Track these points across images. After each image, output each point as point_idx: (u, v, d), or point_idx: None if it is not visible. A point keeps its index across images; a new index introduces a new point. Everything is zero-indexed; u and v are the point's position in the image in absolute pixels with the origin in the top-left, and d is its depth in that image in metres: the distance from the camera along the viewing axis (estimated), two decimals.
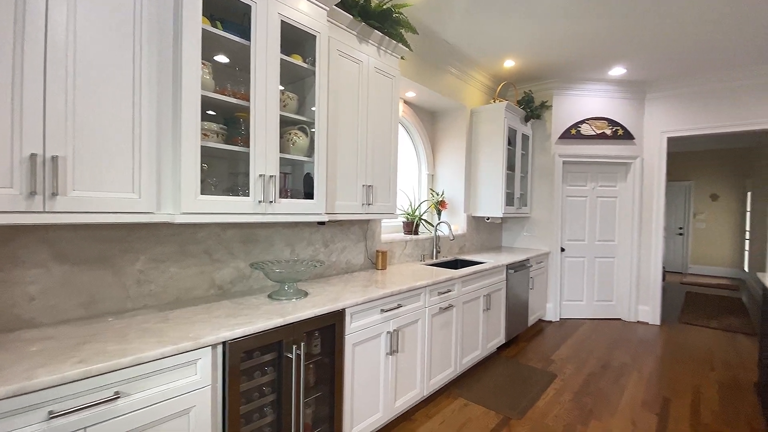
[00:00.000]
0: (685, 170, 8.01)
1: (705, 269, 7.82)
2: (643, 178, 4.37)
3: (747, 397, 2.67)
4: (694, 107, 4.09)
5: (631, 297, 4.41)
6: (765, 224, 5.37)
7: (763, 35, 3.09)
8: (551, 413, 2.42)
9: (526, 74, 4.13)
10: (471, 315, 2.93)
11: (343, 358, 1.86)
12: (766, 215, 5.43)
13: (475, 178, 4.04)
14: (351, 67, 2.22)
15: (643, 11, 2.77)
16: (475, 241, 4.22)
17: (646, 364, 3.22)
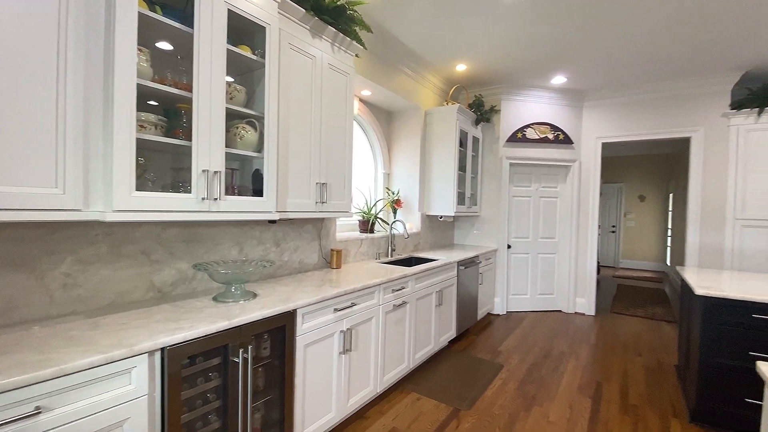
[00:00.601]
0: (617, 173, 8.77)
1: (634, 263, 8.62)
2: (581, 180, 4.72)
3: (669, 379, 2.98)
4: (625, 115, 4.48)
5: (570, 290, 4.75)
6: (683, 222, 6.02)
7: (684, 54, 3.46)
8: (498, 402, 2.55)
9: (477, 79, 4.29)
10: (424, 311, 3.00)
11: (294, 359, 1.82)
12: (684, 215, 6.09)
13: (429, 177, 4.14)
14: (304, 61, 2.18)
15: (582, 26, 2.99)
16: (429, 239, 4.32)
17: (582, 352, 3.48)
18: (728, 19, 2.83)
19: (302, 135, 2.18)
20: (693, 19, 2.84)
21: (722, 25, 2.93)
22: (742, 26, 2.93)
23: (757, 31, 3.01)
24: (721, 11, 2.73)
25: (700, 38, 3.15)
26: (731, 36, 3.10)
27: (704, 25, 2.93)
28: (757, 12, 2.72)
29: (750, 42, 3.20)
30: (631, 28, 3.02)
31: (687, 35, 3.11)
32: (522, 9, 2.77)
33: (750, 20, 2.84)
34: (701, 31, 3.04)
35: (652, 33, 3.09)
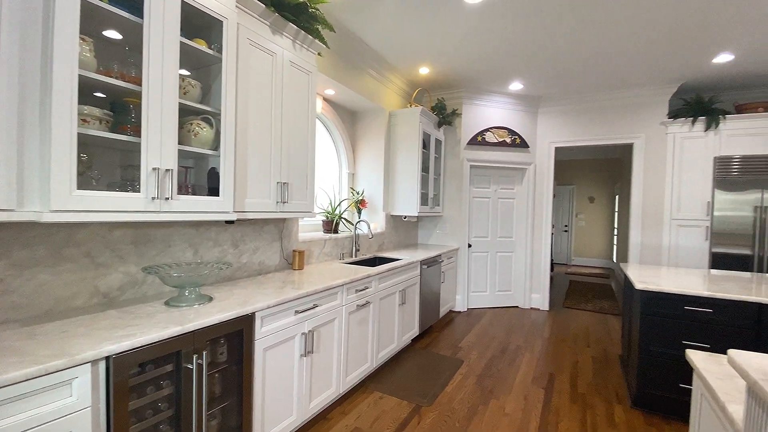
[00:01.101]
0: (569, 176, 9.30)
1: (584, 260, 9.18)
2: (536, 182, 4.97)
3: (614, 368, 3.21)
4: (576, 122, 4.76)
5: (526, 286, 4.99)
6: (626, 222, 6.50)
7: (628, 67, 3.73)
8: (458, 397, 2.62)
9: (439, 82, 4.39)
10: (387, 310, 3.03)
11: (253, 364, 1.78)
12: (628, 215, 6.58)
13: (393, 178, 4.18)
14: (264, 58, 2.13)
15: (537, 37, 3.14)
16: (394, 239, 4.36)
17: (536, 346, 3.66)
18: (665, 38, 3.09)
19: (262, 133, 2.13)
20: (637, 36, 3.08)
21: (661, 43, 3.20)
22: (677, 44, 3.22)
23: (689, 49, 3.31)
24: (661, 31, 2.98)
25: (643, 53, 3.42)
26: (668, 52, 3.39)
27: (646, 42, 3.18)
28: (688, 33, 3.00)
29: (684, 58, 3.51)
30: (582, 42, 3.22)
31: (631, 50, 3.36)
32: (481, 16, 2.87)
33: (683, 39, 3.12)
34: (644, 47, 3.30)
35: (601, 47, 3.31)
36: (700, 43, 3.20)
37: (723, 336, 2.27)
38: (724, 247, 3.93)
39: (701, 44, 3.23)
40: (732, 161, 3.89)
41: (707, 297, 2.29)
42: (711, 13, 2.72)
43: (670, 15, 2.77)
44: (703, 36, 3.08)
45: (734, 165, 3.88)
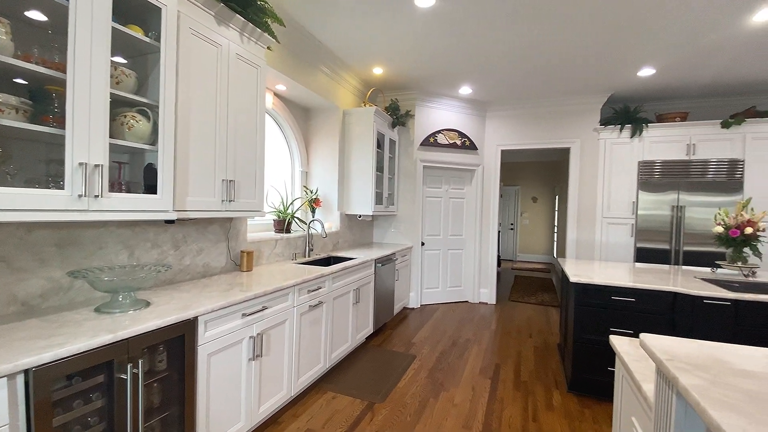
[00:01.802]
0: (514, 177, 9.84)
1: (528, 256, 9.76)
2: (484, 183, 5.20)
3: (553, 356, 3.45)
4: (520, 126, 5.05)
5: (475, 282, 5.21)
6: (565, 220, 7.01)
7: (567, 77, 4.02)
8: (410, 392, 2.68)
9: (393, 83, 4.44)
10: (341, 310, 3.02)
11: (196, 371, 1.69)
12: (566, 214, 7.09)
13: (348, 177, 4.17)
14: (208, 49, 2.03)
15: (485, 44, 3.29)
16: (348, 238, 4.35)
17: (484, 338, 3.84)
18: (598, 52, 3.37)
19: (206, 127, 2.03)
20: (574, 51, 3.33)
21: (594, 57, 3.48)
22: (608, 59, 3.53)
23: (618, 63, 3.65)
24: (594, 46, 3.24)
25: (579, 66, 3.71)
26: (601, 65, 3.70)
27: (582, 56, 3.45)
28: (617, 49, 3.30)
29: (613, 71, 3.86)
30: (525, 53, 3.42)
31: (569, 63, 3.62)
32: (432, 21, 2.95)
33: (613, 54, 3.43)
34: (580, 61, 3.57)
35: (542, 58, 3.53)
36: (627, 58, 3.54)
37: (644, 322, 2.53)
38: (646, 243, 4.37)
39: (627, 59, 3.57)
40: (654, 165, 4.34)
41: (630, 288, 2.54)
42: (634, 33, 3.02)
43: (601, 33, 3.03)
44: (629, 52, 3.40)
45: (655, 169, 4.34)
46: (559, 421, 2.39)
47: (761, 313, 2.25)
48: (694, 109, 4.74)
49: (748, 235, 2.72)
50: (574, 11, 2.76)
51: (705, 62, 3.59)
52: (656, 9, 2.69)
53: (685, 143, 4.25)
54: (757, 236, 2.73)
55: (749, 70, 3.76)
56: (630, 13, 2.76)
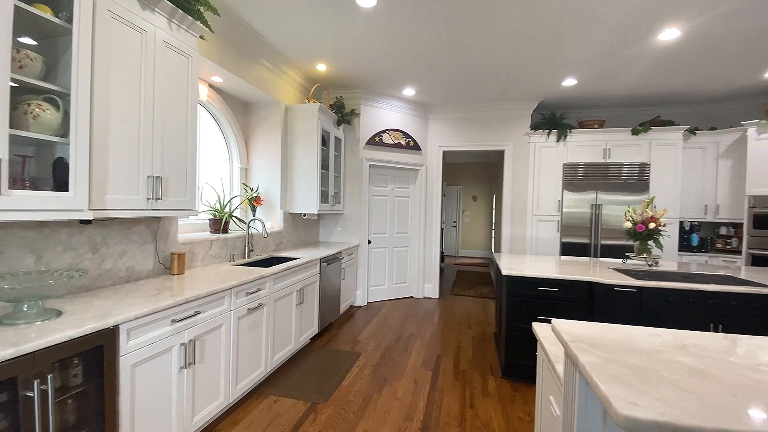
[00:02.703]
0: (456, 177, 10.28)
1: (469, 252, 10.26)
2: (427, 182, 5.37)
3: (489, 345, 3.66)
4: (460, 128, 5.28)
5: (419, 278, 5.37)
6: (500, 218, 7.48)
7: (502, 84, 4.27)
8: (354, 389, 2.70)
9: (337, 81, 4.41)
10: (283, 311, 2.95)
11: (117, 384, 1.56)
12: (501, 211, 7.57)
13: (291, 174, 4.07)
14: (131, 35, 1.87)
15: (426, 50, 3.39)
16: (293, 238, 4.25)
17: (427, 332, 3.98)
18: (528, 62, 3.63)
19: (128, 119, 1.87)
20: (507, 60, 3.55)
21: (525, 67, 3.75)
22: (537, 69, 3.81)
23: (546, 74, 3.96)
24: (525, 56, 3.49)
25: (513, 74, 3.96)
26: (531, 74, 3.99)
27: (515, 65, 3.69)
28: (545, 61, 3.58)
29: (542, 80, 4.18)
30: (463, 59, 3.58)
31: (503, 71, 3.86)
32: (374, 22, 2.98)
33: (541, 65, 3.71)
34: (513, 69, 3.82)
35: (479, 65, 3.72)
36: (553, 69, 3.85)
37: (567, 309, 2.78)
38: (570, 237, 4.81)
39: (553, 70, 3.89)
40: (576, 167, 4.78)
41: (554, 279, 2.78)
42: (559, 48, 3.30)
43: (530, 46, 3.27)
44: (554, 64, 3.71)
45: (578, 170, 4.78)
46: (494, 405, 2.55)
47: (661, 297, 2.59)
48: (610, 117, 5.30)
49: (652, 229, 3.11)
50: (506, 24, 2.95)
51: (618, 75, 4.03)
52: (576, 27, 2.97)
53: (602, 148, 4.73)
54: (659, 231, 3.12)
55: (655, 84, 4.28)
56: (554, 29, 3.02)
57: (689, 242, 4.84)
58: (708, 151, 4.71)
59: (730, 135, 4.57)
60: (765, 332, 2.39)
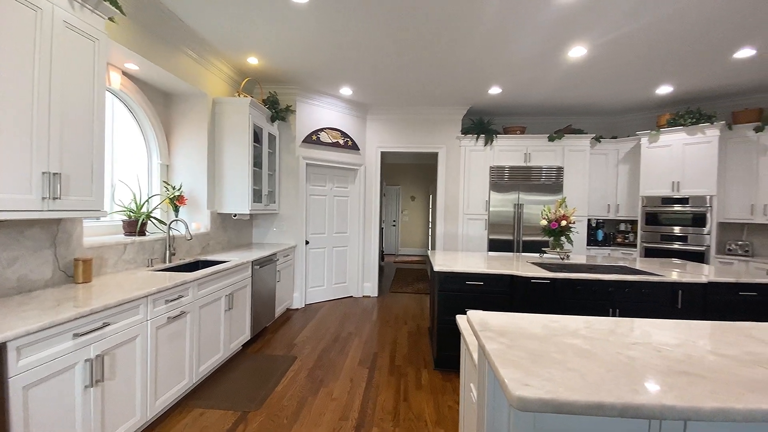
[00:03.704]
0: (396, 177, 10.51)
1: (408, 250, 10.55)
2: (366, 182, 5.42)
3: (424, 340, 3.80)
4: (398, 130, 5.41)
5: (359, 277, 5.40)
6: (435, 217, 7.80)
7: (435, 89, 4.44)
8: (288, 394, 2.64)
9: (271, 75, 4.26)
10: (210, 318, 2.78)
11: (7, 408, 1.35)
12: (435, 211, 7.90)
13: (220, 172, 3.84)
14: (22, 12, 1.63)
15: (361, 50, 3.42)
16: (222, 240, 4.02)
17: (365, 330, 4.02)
18: (459, 70, 3.83)
19: (18, 108, 1.63)
20: (439, 67, 3.70)
21: (456, 74, 3.94)
22: (466, 77, 4.04)
23: (474, 81, 4.21)
24: (455, 64, 3.67)
25: (445, 82, 4.14)
26: (461, 81, 4.21)
27: (447, 72, 3.86)
28: (472, 70, 3.80)
29: (471, 87, 4.43)
30: (398, 63, 3.67)
31: (436, 78, 4.02)
32: (309, 18, 2.93)
33: (469, 74, 3.94)
34: (446, 77, 4.00)
35: (413, 71, 3.84)
36: (480, 77, 4.11)
37: (491, 301, 2.99)
38: (496, 235, 5.17)
39: (481, 78, 4.15)
40: (502, 170, 5.15)
41: (480, 273, 2.97)
42: (485, 57, 3.52)
43: (460, 55, 3.45)
44: (481, 73, 3.96)
45: (503, 173, 5.15)
46: (426, 397, 2.66)
47: (570, 287, 2.89)
48: (531, 124, 5.79)
49: (564, 227, 3.46)
50: (438, 31, 3.08)
51: (537, 86, 4.42)
52: (500, 41, 3.20)
53: (523, 152, 5.16)
54: (569, 228, 3.48)
55: (567, 95, 4.76)
56: (478, 41, 3.22)
57: (595, 237, 5.48)
58: (610, 157, 5.37)
59: (627, 143, 5.26)
60: (652, 314, 2.80)
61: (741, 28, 2.98)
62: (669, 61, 3.66)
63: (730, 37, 3.13)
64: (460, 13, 2.82)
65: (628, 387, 0.71)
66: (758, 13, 2.75)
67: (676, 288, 2.76)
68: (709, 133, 4.42)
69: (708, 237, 4.42)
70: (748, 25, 2.93)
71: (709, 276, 2.79)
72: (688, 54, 3.48)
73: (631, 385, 0.72)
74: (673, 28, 2.99)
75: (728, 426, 0.83)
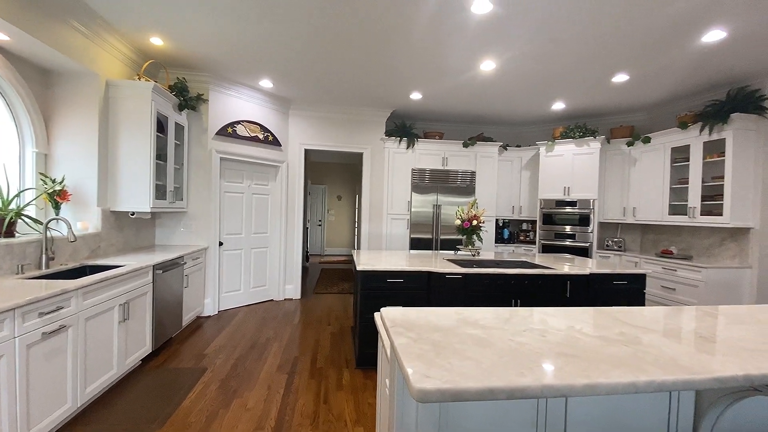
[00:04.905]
0: (322, 176, 10.36)
1: (335, 250, 10.46)
2: (288, 180, 5.24)
3: (347, 339, 3.79)
4: (323, 128, 5.32)
5: (280, 279, 5.19)
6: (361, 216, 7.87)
7: (360, 90, 4.45)
8: (196, 409, 2.42)
9: (180, 60, 3.88)
10: (100, 331, 2.43)
11: None
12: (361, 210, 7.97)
13: (115, 164, 3.38)
14: None
15: (280, 42, 3.28)
16: (117, 241, 3.54)
17: (285, 334, 3.88)
18: (382, 75, 3.90)
19: None
20: (363, 70, 3.73)
21: (379, 79, 4.01)
22: (389, 82, 4.13)
23: (396, 86, 4.32)
24: (378, 70, 3.72)
25: (369, 84, 4.18)
26: (384, 86, 4.29)
27: (371, 75, 3.90)
28: (394, 75, 3.90)
29: (394, 91, 4.55)
30: (321, 60, 3.61)
31: (360, 79, 4.04)
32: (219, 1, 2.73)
33: (391, 79, 4.04)
34: (370, 79, 4.03)
35: (336, 70, 3.80)
36: (402, 83, 4.24)
37: (410, 297, 3.09)
38: (417, 234, 5.39)
39: (403, 84, 4.28)
40: (423, 172, 5.38)
41: (399, 270, 3.06)
42: (404, 65, 3.64)
43: (384, 60, 3.52)
44: (403, 79, 4.09)
45: (424, 175, 5.38)
46: (347, 396, 2.65)
47: (479, 281, 3.13)
48: (448, 130, 6.15)
49: (475, 226, 3.73)
50: (361, 34, 3.10)
51: (454, 95, 4.70)
52: (420, 50, 3.33)
53: (441, 156, 5.46)
54: (480, 227, 3.77)
55: (480, 105, 5.15)
56: (400, 47, 3.32)
57: (503, 236, 6.03)
58: (515, 163, 5.95)
59: (529, 152, 5.87)
60: (547, 303, 3.15)
61: (617, 57, 3.53)
62: (561, 82, 4.18)
63: (610, 64, 3.68)
64: (383, 19, 2.87)
65: (516, 371, 0.79)
66: (630, 46, 3.27)
67: (566, 279, 3.16)
68: (592, 146, 5.15)
69: (591, 235, 5.15)
70: (623, 56, 3.48)
71: (592, 268, 3.24)
72: (577, 76, 4.01)
73: (519, 369, 0.79)
74: (564, 52, 3.42)
75: (600, 398, 0.97)
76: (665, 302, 4.41)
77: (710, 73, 3.84)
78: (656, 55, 3.43)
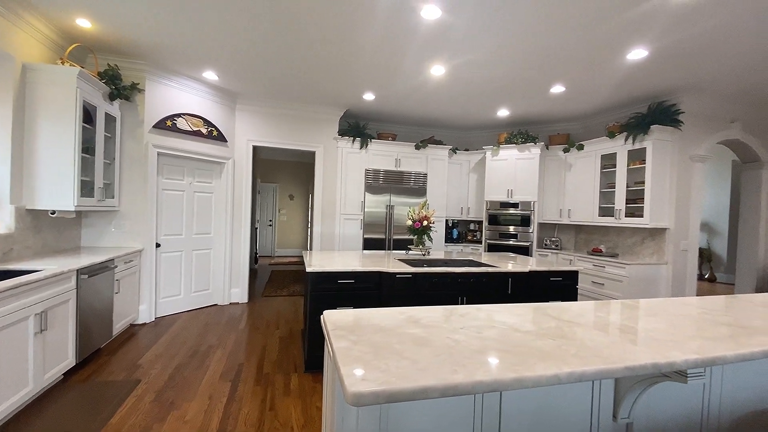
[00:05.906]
0: (273, 174, 10.03)
1: (286, 251, 10.18)
2: (235, 178, 5.00)
3: (296, 343, 3.69)
4: (272, 124, 5.15)
5: (225, 283, 4.95)
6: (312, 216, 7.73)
7: (313, 88, 4.36)
8: (127, 424, 2.23)
9: (111, 45, 3.56)
10: (11, 344, 2.15)
11: None
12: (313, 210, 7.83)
13: (31, 157, 3.02)
14: None
15: (226, 32, 3.12)
16: (33, 243, 3.16)
17: (229, 340, 3.69)
18: (334, 74, 3.85)
19: None
20: (315, 68, 3.65)
21: (331, 77, 3.95)
22: (341, 81, 4.09)
23: (350, 86, 4.29)
24: (329, 69, 3.67)
25: (321, 82, 4.11)
26: (337, 85, 4.25)
27: (323, 73, 3.83)
28: (347, 75, 3.87)
29: (347, 91, 4.51)
30: (271, 53, 3.48)
31: (312, 77, 3.96)
32: None
33: (344, 78, 4.00)
34: (322, 78, 3.96)
35: (288, 63, 3.69)
36: (354, 83, 4.22)
37: (361, 298, 3.08)
38: (371, 234, 5.40)
39: (356, 84, 4.26)
40: (377, 173, 5.40)
41: (350, 271, 3.04)
42: (356, 66, 3.63)
43: (336, 58, 3.47)
44: (355, 79, 4.08)
45: (378, 175, 5.40)
46: (294, 402, 2.58)
47: (428, 280, 3.19)
48: (401, 132, 6.23)
49: (426, 226, 3.80)
50: (310, 31, 3.03)
51: (406, 98, 4.77)
52: (372, 50, 3.34)
53: (394, 158, 5.52)
54: (430, 227, 3.85)
55: (432, 109, 5.27)
56: (353, 47, 3.30)
57: (452, 236, 6.23)
58: (463, 166, 6.17)
59: (476, 155, 6.12)
60: (491, 300, 3.30)
61: (555, 70, 3.78)
62: (505, 90, 4.40)
63: (548, 76, 3.93)
64: (336, 17, 2.83)
65: (450, 369, 0.81)
66: (565, 60, 3.52)
67: (508, 277, 3.33)
68: (533, 151, 5.49)
69: (532, 234, 5.48)
70: (560, 69, 3.73)
71: (532, 266, 3.45)
72: (519, 86, 4.25)
73: (452, 367, 0.81)
74: (507, 62, 3.60)
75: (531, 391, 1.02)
76: (595, 296, 4.81)
77: (634, 88, 4.25)
78: (588, 69, 3.72)
